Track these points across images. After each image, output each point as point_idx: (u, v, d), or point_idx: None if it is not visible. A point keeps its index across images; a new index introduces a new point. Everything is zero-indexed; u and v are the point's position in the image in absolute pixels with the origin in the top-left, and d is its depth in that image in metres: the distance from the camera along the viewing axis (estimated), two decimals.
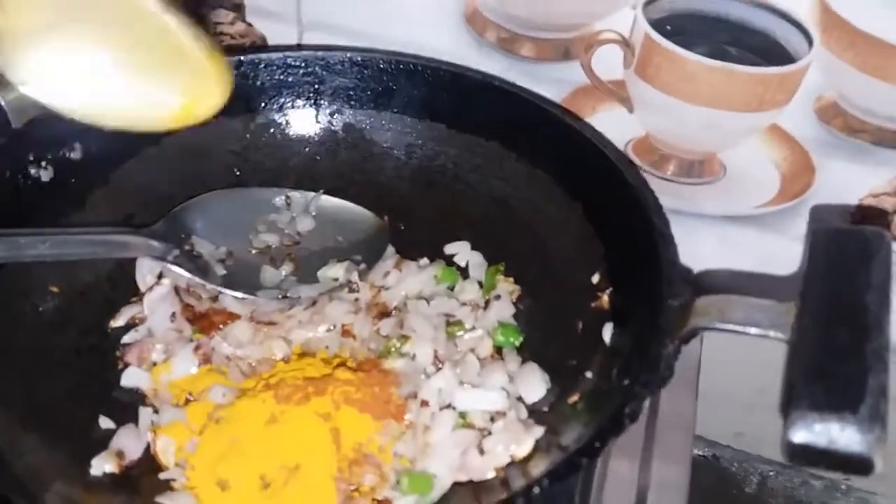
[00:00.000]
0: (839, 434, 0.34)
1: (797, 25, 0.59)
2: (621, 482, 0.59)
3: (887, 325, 0.38)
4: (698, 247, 0.72)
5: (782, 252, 0.69)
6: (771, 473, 0.87)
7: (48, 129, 0.58)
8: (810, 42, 0.59)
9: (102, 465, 0.49)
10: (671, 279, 0.46)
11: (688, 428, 0.64)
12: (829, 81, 0.60)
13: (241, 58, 0.65)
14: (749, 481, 0.87)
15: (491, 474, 0.48)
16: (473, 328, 0.59)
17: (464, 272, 0.64)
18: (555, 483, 0.38)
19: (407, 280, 0.62)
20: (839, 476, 0.84)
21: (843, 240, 0.42)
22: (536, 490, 0.37)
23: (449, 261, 0.64)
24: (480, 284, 0.63)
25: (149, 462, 0.50)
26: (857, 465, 0.34)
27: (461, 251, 0.65)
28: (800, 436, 0.34)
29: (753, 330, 0.40)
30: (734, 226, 0.70)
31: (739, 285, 0.46)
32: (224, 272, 0.60)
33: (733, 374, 0.77)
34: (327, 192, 0.67)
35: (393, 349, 0.57)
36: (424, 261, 0.64)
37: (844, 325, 0.37)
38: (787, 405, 0.35)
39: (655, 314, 0.45)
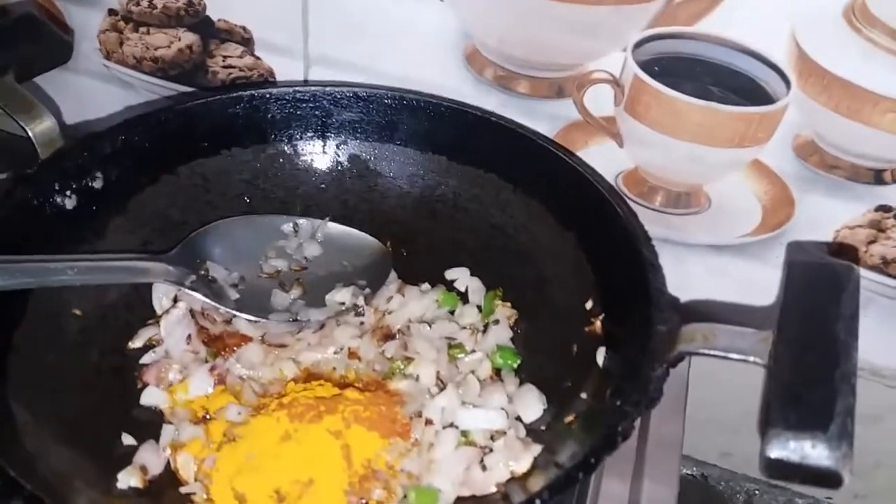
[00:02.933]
0: (811, 451, 0.37)
1: (776, 69, 0.63)
2: (613, 500, 0.62)
3: (854, 351, 0.42)
4: (685, 273, 0.76)
5: (764, 279, 0.72)
6: (756, 492, 0.90)
7: (73, 159, 0.61)
8: (788, 84, 0.63)
9: (128, 480, 0.52)
10: (660, 306, 0.50)
11: (676, 448, 0.67)
12: (805, 121, 0.64)
13: (254, 92, 0.69)
14: (735, 499, 0.90)
15: (492, 489, 0.51)
16: (473, 351, 0.62)
17: (463, 297, 0.67)
18: (554, 496, 0.41)
19: (409, 304, 0.65)
20: (823, 495, 0.88)
21: (815, 273, 0.46)
22: (538, 502, 0.40)
23: (449, 286, 0.68)
24: (479, 309, 0.66)
25: (170, 477, 0.53)
26: (827, 478, 0.38)
27: (461, 277, 0.68)
28: (776, 452, 0.38)
29: (735, 355, 0.44)
30: (719, 254, 0.74)
31: (722, 314, 0.49)
32: (237, 296, 0.63)
33: (720, 398, 0.80)
34: (333, 220, 0.70)
35: (397, 370, 0.60)
36: (426, 286, 0.67)
37: (816, 352, 0.41)
38: (764, 425, 0.39)
39: (645, 339, 0.48)
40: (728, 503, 0.90)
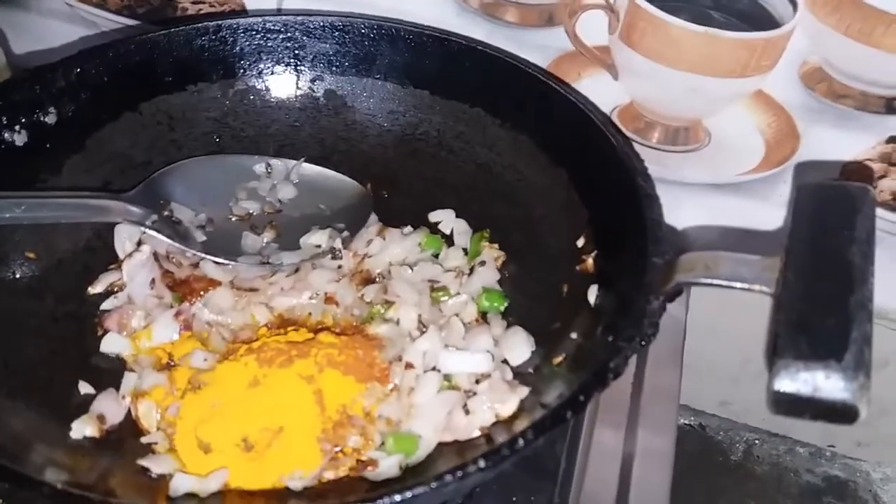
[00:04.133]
0: (824, 382, 0.34)
1: None
2: (607, 451, 0.59)
3: (871, 277, 0.38)
4: (682, 215, 0.72)
5: (766, 219, 0.69)
6: (756, 441, 0.88)
7: (21, 91, 0.57)
8: (795, 6, 0.58)
9: (83, 429, 0.48)
10: (656, 238, 0.46)
11: (672, 398, 0.64)
12: (813, 46, 0.60)
13: (220, 22, 0.64)
14: (735, 449, 0.88)
15: (476, 433, 0.48)
16: (458, 294, 0.58)
17: (448, 240, 0.63)
18: (540, 435, 0.38)
19: (390, 247, 0.61)
20: (825, 443, 0.85)
21: (827, 195, 0.42)
22: (521, 442, 0.37)
23: (433, 228, 0.64)
24: (465, 251, 0.62)
25: (130, 426, 0.50)
26: (842, 412, 0.34)
27: (446, 218, 0.64)
28: (785, 384, 0.34)
29: (739, 284, 0.40)
30: (718, 193, 0.70)
31: (722, 242, 0.46)
32: (204, 238, 0.59)
33: (719, 345, 0.78)
34: (309, 160, 0.66)
35: (377, 314, 0.56)
36: (408, 228, 0.63)
37: (829, 278, 0.37)
38: (772, 355, 0.35)
39: (640, 272, 0.45)
40: (727, 453, 0.88)
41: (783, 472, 0.86)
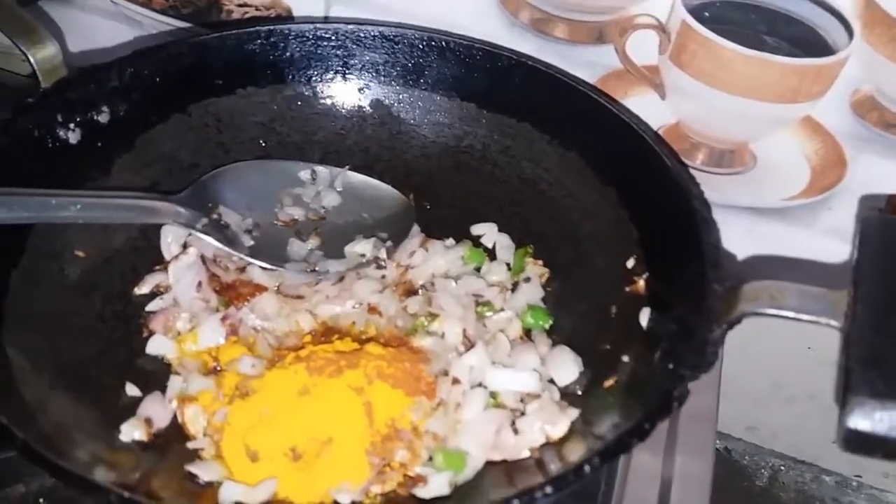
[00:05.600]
0: None
1: (838, 16, 0.59)
2: (645, 474, 0.58)
3: None
4: (725, 238, 0.71)
5: (809, 246, 0.68)
6: (782, 467, 0.87)
7: (77, 90, 0.57)
8: (850, 34, 0.58)
9: (132, 432, 0.48)
10: (715, 263, 0.46)
11: (710, 421, 0.64)
12: (866, 75, 0.59)
13: (272, 28, 0.64)
14: (760, 475, 0.87)
15: (525, 454, 0.48)
16: (502, 309, 0.58)
17: (490, 254, 0.63)
18: (605, 462, 0.37)
19: (433, 259, 0.61)
20: (851, 472, 0.85)
21: (892, 229, 0.42)
22: (587, 468, 0.37)
23: (475, 242, 0.64)
24: (508, 266, 0.62)
25: (176, 431, 0.50)
26: None
27: (488, 232, 0.64)
28: (859, 422, 0.34)
29: (806, 316, 0.40)
30: (761, 218, 0.69)
31: (779, 273, 0.45)
32: (251, 243, 0.59)
33: (748, 369, 0.77)
34: (353, 168, 0.66)
35: (421, 327, 0.56)
36: (451, 241, 0.63)
37: None
38: (845, 392, 0.35)
39: (700, 298, 0.44)
40: (752, 478, 0.87)
41: (809, 499, 0.85)
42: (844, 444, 0.34)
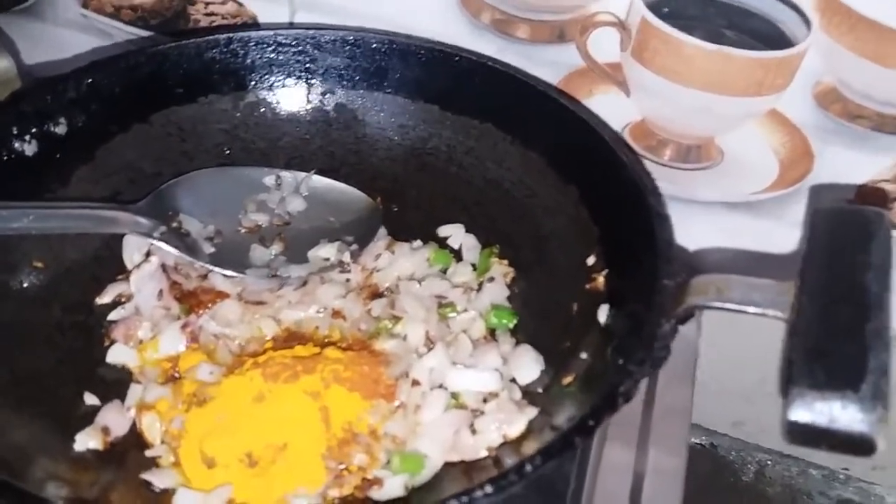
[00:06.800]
0: (840, 413, 0.33)
1: (795, 9, 0.58)
2: (617, 469, 0.58)
3: (887, 305, 0.37)
4: (695, 233, 0.71)
5: (779, 239, 0.68)
6: (769, 462, 0.86)
7: (32, 102, 0.57)
8: (809, 26, 0.58)
9: (87, 441, 0.48)
10: (667, 258, 0.46)
11: (684, 416, 0.63)
12: (827, 66, 0.59)
13: (231, 35, 0.64)
14: (746, 470, 0.86)
15: (483, 454, 0.47)
16: (466, 310, 0.58)
17: (457, 255, 0.63)
18: (548, 460, 0.37)
19: (399, 261, 0.61)
20: (839, 465, 0.84)
21: (842, 219, 0.41)
22: (529, 467, 0.36)
23: (442, 243, 0.63)
24: (474, 267, 0.62)
25: (134, 439, 0.50)
26: (859, 445, 0.33)
27: (455, 233, 0.64)
28: (800, 414, 0.34)
29: (751, 309, 0.40)
30: (731, 212, 0.69)
31: (735, 265, 0.45)
32: (212, 250, 0.59)
33: (733, 364, 0.77)
34: (319, 173, 0.66)
35: (384, 330, 0.56)
36: (417, 243, 0.63)
37: (844, 304, 0.37)
38: (786, 384, 0.34)
39: (651, 293, 0.44)
40: (738, 474, 0.87)
41: (796, 494, 0.85)
42: (787, 436, 0.34)
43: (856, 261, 0.38)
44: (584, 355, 0.51)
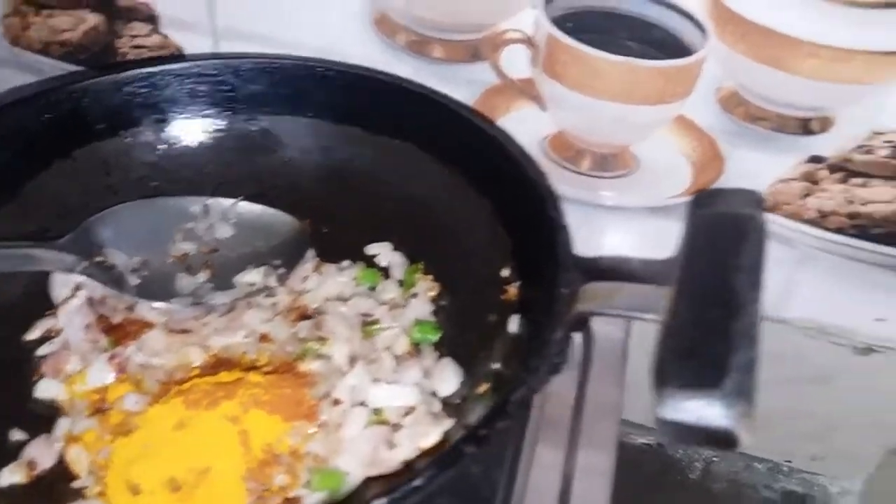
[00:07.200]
0: (705, 410, 0.35)
1: (691, 19, 0.61)
2: (546, 468, 0.60)
3: (756, 304, 0.39)
4: (620, 240, 0.74)
5: None
6: (715, 459, 0.88)
7: None
8: (705, 35, 0.61)
9: (11, 476, 0.49)
10: (565, 267, 0.48)
11: (614, 415, 0.65)
12: (727, 72, 0.62)
13: (150, 70, 0.65)
14: (693, 468, 0.88)
15: (399, 466, 0.49)
16: (391, 326, 0.59)
17: (386, 273, 0.64)
18: (443, 471, 0.39)
19: (326, 282, 0.62)
20: (781, 458, 0.86)
21: (717, 223, 0.44)
22: (419, 482, 0.38)
23: (371, 262, 0.65)
24: (401, 283, 0.64)
25: (62, 471, 0.50)
26: (724, 439, 0.36)
27: (382, 252, 0.66)
28: (668, 413, 0.36)
29: (635, 313, 0.42)
30: (653, 217, 0.71)
31: (632, 269, 0.47)
32: (138, 282, 0.60)
33: None
34: (246, 199, 0.67)
35: (310, 351, 0.57)
36: (346, 262, 0.64)
37: (714, 305, 0.39)
38: (657, 385, 0.36)
39: (549, 302, 0.46)
40: (685, 472, 0.89)
41: (742, 488, 0.87)
42: (661, 434, 0.36)
43: (727, 263, 0.41)
44: (496, 365, 0.53)
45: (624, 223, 0.72)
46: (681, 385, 0.36)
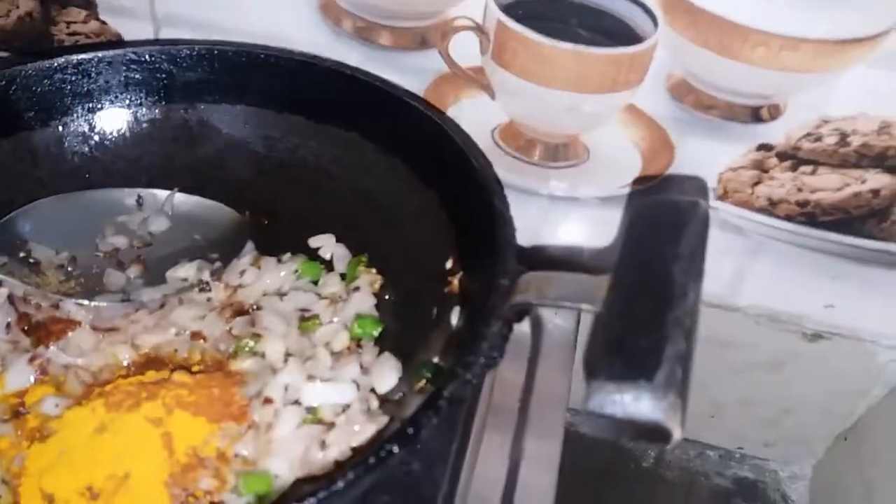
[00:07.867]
0: (634, 403, 0.33)
1: (641, 5, 0.59)
2: (494, 456, 0.58)
3: (693, 293, 0.38)
4: (573, 229, 0.72)
5: None
6: (667, 447, 0.88)
7: None
8: (655, 22, 0.59)
9: None
10: (505, 259, 0.46)
11: (562, 404, 0.64)
12: (676, 59, 0.60)
13: (82, 56, 0.62)
14: (646, 456, 0.88)
15: (331, 467, 0.47)
16: (331, 321, 0.57)
17: (329, 266, 0.62)
18: (368, 473, 0.37)
19: (265, 277, 0.60)
20: (734, 445, 0.86)
21: (657, 211, 0.42)
22: (340, 484, 0.36)
23: (314, 254, 0.63)
24: (343, 277, 0.61)
25: None
26: (655, 432, 0.34)
27: (326, 244, 0.63)
28: (598, 406, 0.34)
29: (568, 304, 0.40)
30: (606, 206, 0.70)
31: (579, 259, 0.45)
32: (62, 278, 0.57)
33: None
34: (183, 190, 0.64)
35: (243, 349, 0.55)
36: (287, 256, 0.62)
37: (649, 295, 0.37)
38: (587, 377, 0.35)
39: (488, 294, 0.44)
40: (638, 460, 0.88)
41: (694, 476, 0.87)
42: (592, 428, 0.34)
43: (665, 252, 0.39)
44: (435, 359, 0.51)
45: (576, 213, 0.70)
46: (610, 377, 0.34)
